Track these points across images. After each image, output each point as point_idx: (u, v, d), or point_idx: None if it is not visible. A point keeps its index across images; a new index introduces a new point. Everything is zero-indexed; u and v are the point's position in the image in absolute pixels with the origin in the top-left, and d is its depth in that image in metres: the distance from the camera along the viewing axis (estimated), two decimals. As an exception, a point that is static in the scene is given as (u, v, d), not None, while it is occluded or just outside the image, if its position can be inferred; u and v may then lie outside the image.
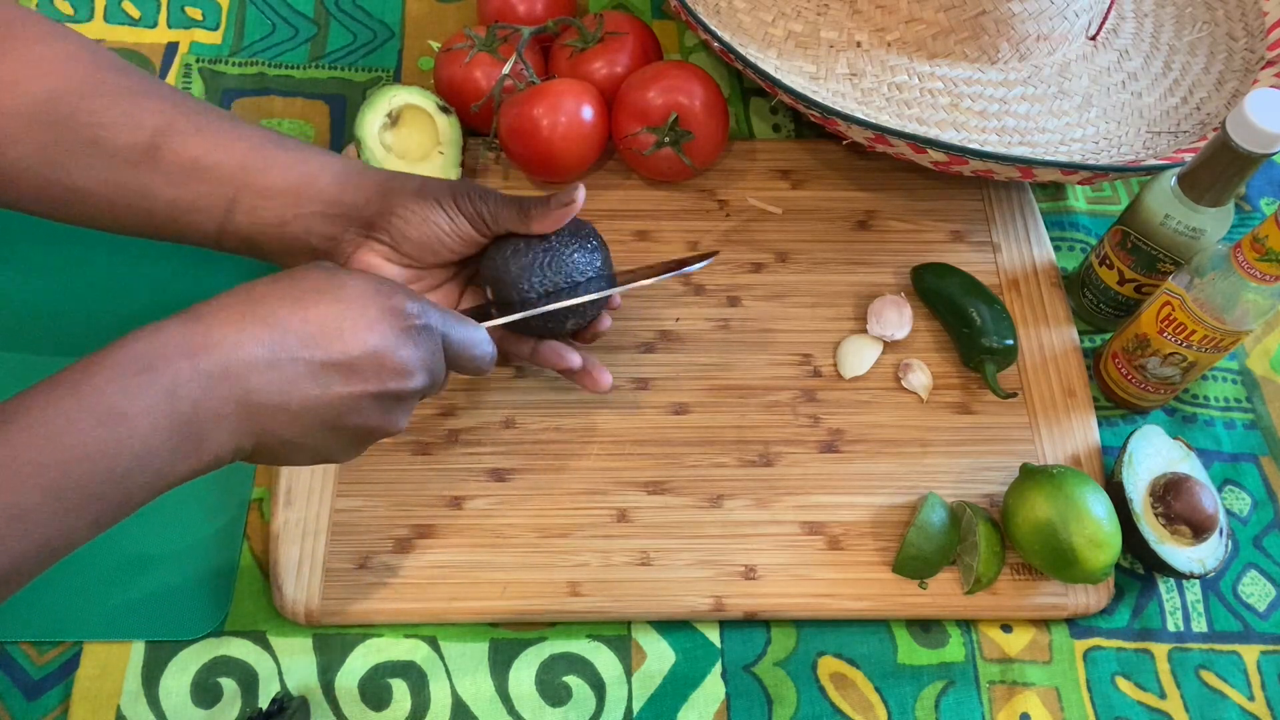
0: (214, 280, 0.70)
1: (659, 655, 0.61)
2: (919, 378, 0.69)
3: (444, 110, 0.73)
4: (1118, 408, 0.71)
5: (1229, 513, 0.67)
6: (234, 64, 0.81)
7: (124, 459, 0.43)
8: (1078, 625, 0.63)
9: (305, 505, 0.63)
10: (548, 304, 0.58)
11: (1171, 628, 0.64)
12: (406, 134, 0.74)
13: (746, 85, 0.83)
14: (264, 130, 0.58)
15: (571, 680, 0.60)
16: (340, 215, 0.57)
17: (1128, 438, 0.65)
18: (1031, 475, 0.62)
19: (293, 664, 0.60)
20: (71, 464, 0.42)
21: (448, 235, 0.57)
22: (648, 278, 0.61)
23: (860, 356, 0.69)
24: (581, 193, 0.58)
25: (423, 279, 0.60)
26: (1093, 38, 0.74)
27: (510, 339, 0.62)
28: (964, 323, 0.68)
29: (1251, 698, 0.62)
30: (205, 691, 0.59)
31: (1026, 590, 0.63)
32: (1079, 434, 0.68)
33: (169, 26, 0.83)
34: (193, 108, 0.57)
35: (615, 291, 0.60)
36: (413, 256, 0.58)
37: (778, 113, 0.82)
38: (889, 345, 0.70)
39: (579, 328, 0.61)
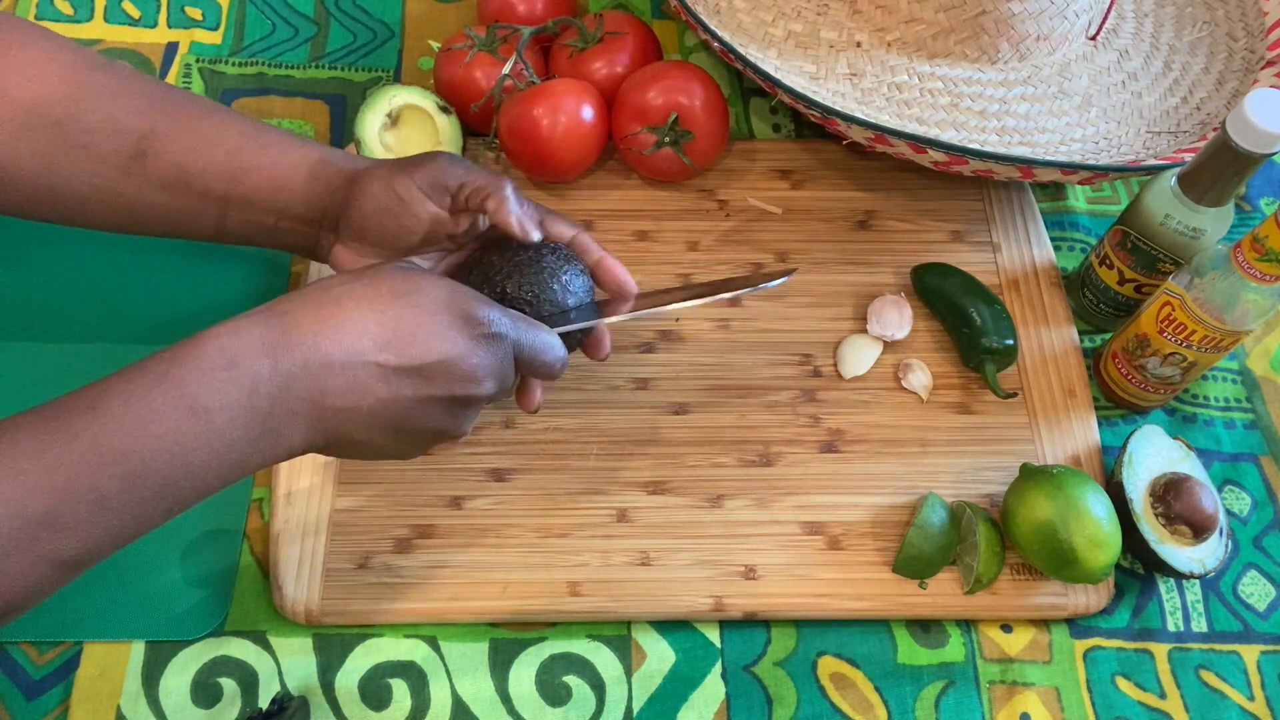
0: (220, 276, 0.71)
1: (659, 655, 0.61)
2: (919, 378, 0.69)
3: (444, 110, 0.73)
4: (1118, 408, 0.71)
5: (1229, 513, 0.67)
6: (234, 64, 0.81)
7: (203, 451, 0.45)
8: (1078, 625, 0.63)
9: (305, 505, 0.63)
10: (582, 318, 0.57)
11: (1171, 628, 0.64)
12: (406, 134, 0.74)
13: (746, 85, 0.83)
14: (242, 124, 0.58)
15: (571, 680, 0.60)
16: (316, 217, 0.57)
17: (1128, 438, 0.65)
18: (1031, 475, 0.62)
19: (293, 664, 0.60)
20: (153, 454, 0.43)
21: (403, 215, 0.55)
22: (709, 294, 0.60)
23: (860, 356, 0.69)
24: (537, 235, 0.56)
25: (412, 253, 0.58)
26: (1093, 38, 0.74)
27: None
28: (964, 323, 0.68)
29: (1251, 698, 0.62)
30: (205, 691, 0.59)
31: (1026, 590, 0.63)
32: (1079, 434, 0.68)
33: (169, 26, 0.83)
34: (172, 104, 0.57)
35: (680, 307, 0.59)
36: (382, 245, 0.57)
37: (778, 113, 0.82)
38: (889, 345, 0.70)
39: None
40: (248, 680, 0.59)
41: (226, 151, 0.56)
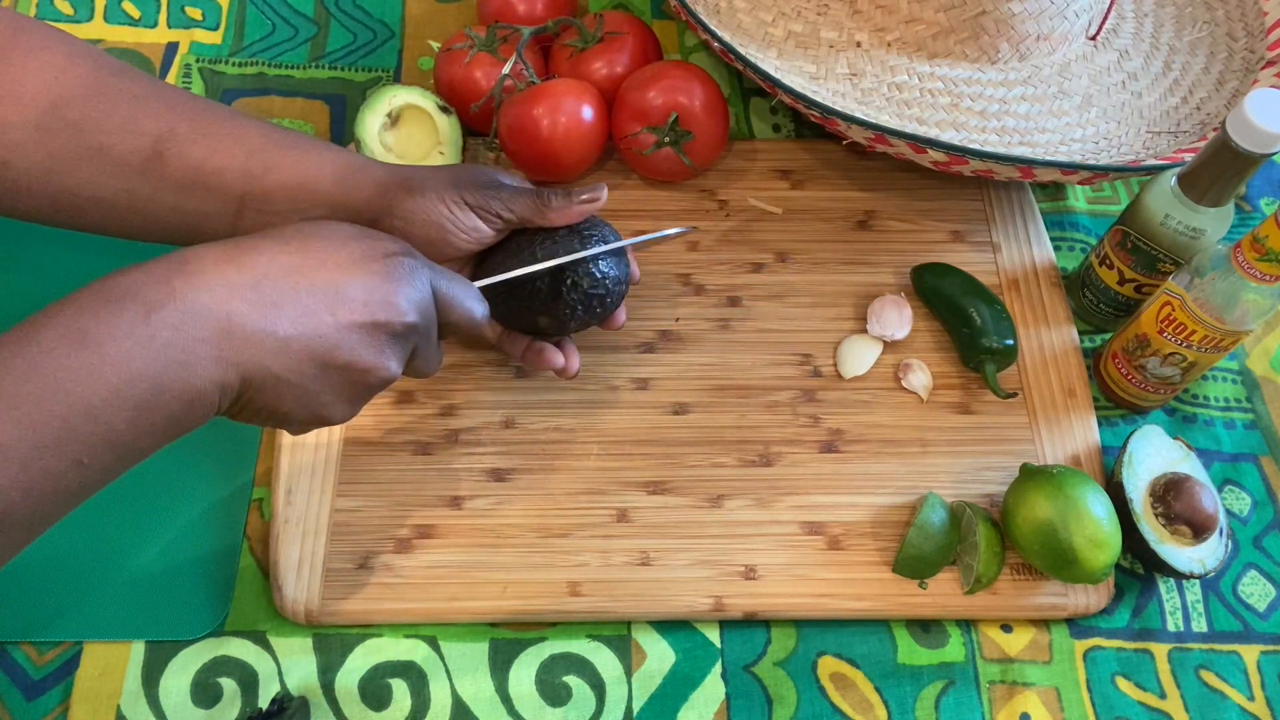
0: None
1: (659, 655, 0.61)
2: (919, 378, 0.69)
3: (444, 110, 0.73)
4: (1118, 408, 0.71)
5: (1229, 513, 0.67)
6: (234, 64, 0.81)
7: (99, 388, 0.41)
8: (1078, 625, 0.63)
9: (305, 505, 0.63)
10: (545, 284, 0.59)
11: (1171, 628, 0.64)
12: (406, 134, 0.74)
13: (746, 85, 0.83)
14: (263, 127, 0.58)
15: (571, 680, 0.60)
16: (344, 218, 0.56)
17: (1128, 438, 0.65)
18: (1031, 475, 0.62)
19: (293, 664, 0.60)
20: (44, 395, 0.41)
21: (453, 234, 0.57)
22: (621, 241, 0.61)
23: (860, 356, 0.69)
24: (604, 192, 0.59)
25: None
26: (1093, 38, 0.74)
27: (507, 337, 0.63)
28: (964, 323, 0.68)
29: (1251, 698, 0.62)
30: (205, 691, 0.59)
31: (1026, 590, 0.63)
32: (1079, 434, 0.68)
33: (169, 26, 0.83)
34: (192, 108, 0.57)
35: (588, 254, 0.59)
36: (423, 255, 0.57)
37: (778, 113, 0.82)
38: (889, 345, 0.70)
39: (587, 323, 0.61)
40: (248, 680, 0.59)
41: (248, 151, 0.56)
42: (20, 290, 0.70)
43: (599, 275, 0.60)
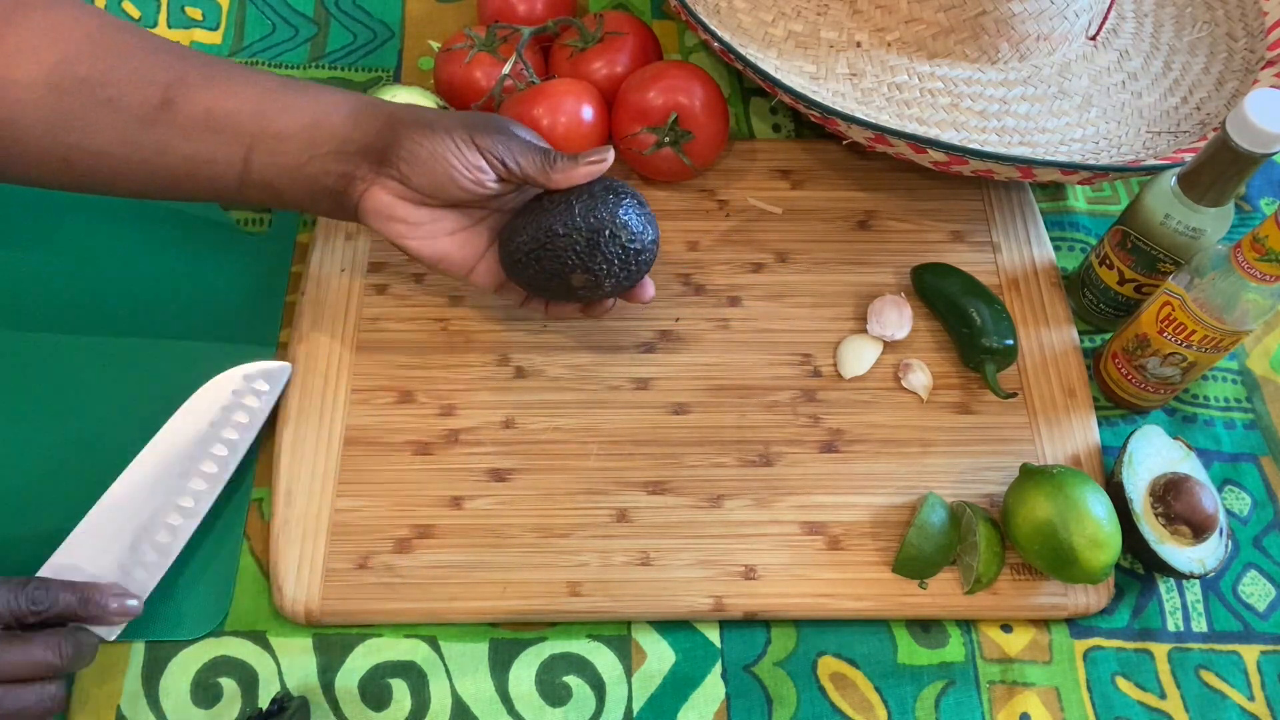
0: (216, 270, 0.71)
1: (659, 655, 0.61)
2: (919, 378, 0.69)
3: (444, 110, 0.73)
4: (1118, 408, 0.71)
5: (1229, 513, 0.67)
6: (234, 64, 0.81)
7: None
8: (1078, 625, 0.63)
9: (305, 505, 0.63)
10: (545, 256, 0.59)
11: (1171, 628, 0.64)
12: (406, 134, 0.74)
13: (746, 85, 0.83)
14: (275, 75, 0.59)
15: (571, 680, 0.60)
16: (353, 153, 0.57)
17: (1128, 438, 0.65)
18: (1031, 475, 0.62)
19: (293, 664, 0.60)
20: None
21: (458, 171, 0.57)
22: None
23: (860, 356, 0.69)
24: (611, 154, 0.59)
25: (440, 220, 0.60)
26: (1093, 38, 0.74)
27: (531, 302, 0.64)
28: (964, 323, 0.68)
29: (1251, 698, 0.62)
30: (205, 691, 0.59)
31: (1026, 590, 0.63)
32: (1079, 434, 0.68)
33: (169, 26, 0.83)
34: (202, 60, 0.58)
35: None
36: (424, 192, 0.58)
37: (778, 113, 0.82)
38: (889, 345, 0.70)
39: (621, 285, 0.61)
40: (248, 680, 0.59)
41: (260, 91, 0.57)
42: (54, 269, 0.70)
43: (636, 230, 0.59)
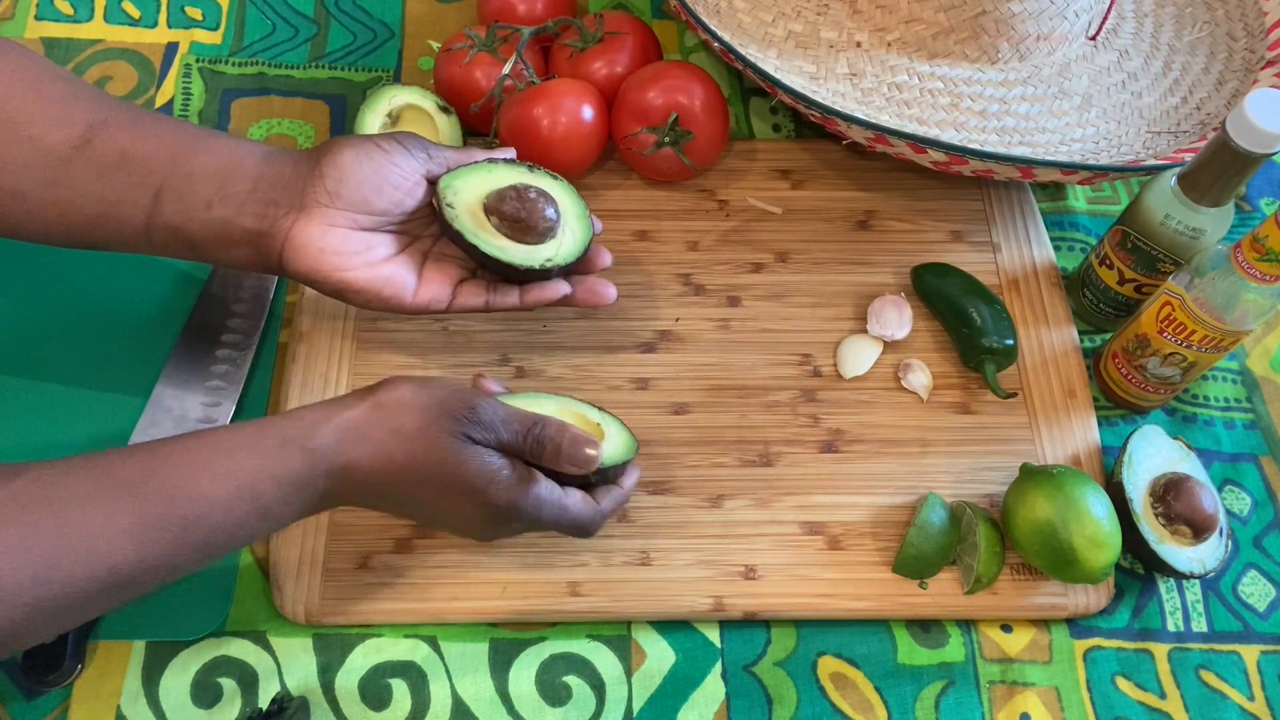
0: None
1: (659, 655, 0.61)
2: (919, 378, 0.69)
3: (444, 110, 0.73)
4: (1118, 408, 0.71)
5: (1229, 513, 0.67)
6: (234, 64, 0.81)
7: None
8: (1078, 625, 0.63)
9: (305, 505, 0.63)
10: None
11: (1171, 628, 0.64)
12: (406, 134, 0.74)
13: (746, 85, 0.83)
14: (197, 126, 0.59)
15: (571, 680, 0.60)
16: (268, 188, 0.57)
17: (1128, 438, 0.65)
18: (1031, 475, 0.62)
19: (293, 664, 0.60)
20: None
21: (385, 167, 0.58)
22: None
23: (860, 356, 0.69)
24: (514, 152, 0.64)
25: (374, 246, 0.59)
26: (1093, 38, 0.74)
27: (499, 290, 0.62)
28: (964, 323, 0.68)
29: (1251, 698, 0.62)
30: (205, 691, 0.59)
31: (1026, 590, 0.63)
32: (1079, 434, 0.68)
33: (169, 26, 0.83)
34: (127, 105, 0.58)
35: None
36: (356, 203, 0.57)
37: (778, 113, 0.82)
38: (889, 345, 0.70)
39: (560, 266, 0.62)
40: (248, 680, 0.59)
41: (179, 136, 0.57)
42: (13, 313, 0.69)
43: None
